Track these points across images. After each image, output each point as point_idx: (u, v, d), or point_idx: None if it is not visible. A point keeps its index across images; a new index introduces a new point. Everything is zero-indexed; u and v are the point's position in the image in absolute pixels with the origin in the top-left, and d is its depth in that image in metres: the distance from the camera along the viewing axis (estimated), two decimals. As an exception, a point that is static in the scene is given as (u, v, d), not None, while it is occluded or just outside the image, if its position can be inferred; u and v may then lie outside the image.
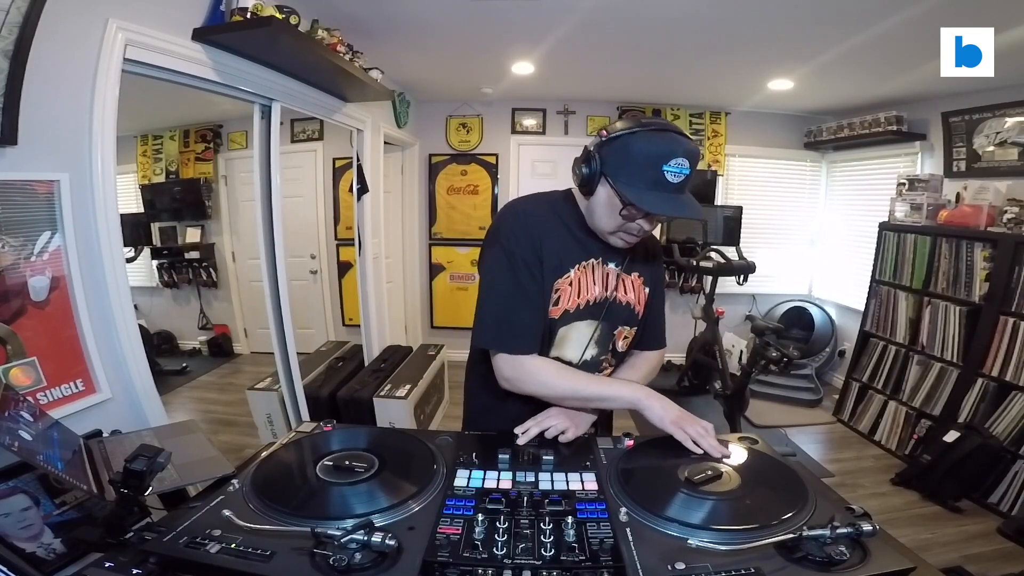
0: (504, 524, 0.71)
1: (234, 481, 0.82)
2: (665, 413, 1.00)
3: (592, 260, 1.08)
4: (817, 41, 2.47)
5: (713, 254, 3.50)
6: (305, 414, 2.44)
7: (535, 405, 1.07)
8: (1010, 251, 2.52)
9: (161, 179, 3.94)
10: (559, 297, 1.06)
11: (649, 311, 1.19)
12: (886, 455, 3.08)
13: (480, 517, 0.71)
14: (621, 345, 1.16)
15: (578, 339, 1.10)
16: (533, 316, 1.03)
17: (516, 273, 1.02)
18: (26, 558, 0.84)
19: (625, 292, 1.12)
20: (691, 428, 0.97)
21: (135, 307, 1.50)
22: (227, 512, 0.71)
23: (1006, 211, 2.59)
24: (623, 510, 0.76)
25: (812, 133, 4.14)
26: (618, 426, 1.26)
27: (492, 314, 1.03)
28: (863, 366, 3.42)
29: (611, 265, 1.11)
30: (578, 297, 1.07)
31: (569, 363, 1.10)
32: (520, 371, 1.03)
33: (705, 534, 0.70)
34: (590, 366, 1.12)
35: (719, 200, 4.28)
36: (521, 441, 0.99)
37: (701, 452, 0.94)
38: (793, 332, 4.16)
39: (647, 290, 1.17)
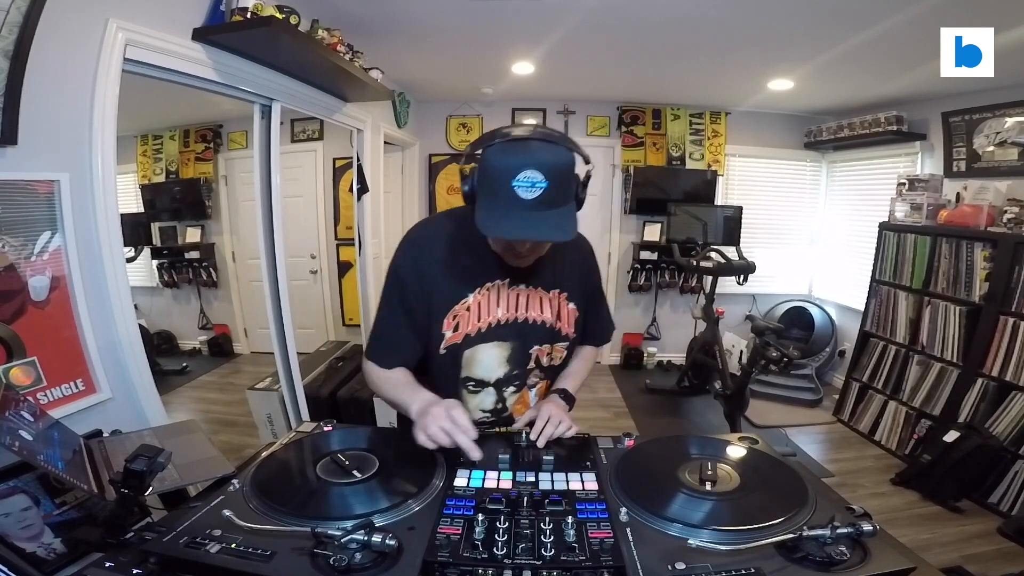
0: (504, 524, 0.71)
1: (234, 481, 0.82)
2: (419, 419, 0.94)
3: (498, 282, 1.06)
4: (817, 41, 2.47)
5: (713, 254, 3.50)
6: (305, 414, 2.44)
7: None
8: (1010, 251, 2.52)
9: (161, 179, 3.93)
10: (458, 323, 1.05)
11: (587, 316, 1.18)
12: (886, 455, 3.08)
13: (480, 517, 0.71)
14: (546, 360, 1.14)
15: (487, 360, 1.09)
16: (399, 336, 1.07)
17: (394, 296, 1.06)
18: (26, 558, 0.84)
19: (541, 311, 1.09)
20: (433, 427, 0.89)
21: (135, 307, 1.50)
22: (227, 512, 0.70)
23: (1006, 211, 2.59)
24: (623, 510, 0.76)
25: (812, 133, 4.14)
26: (618, 426, 1.26)
27: (373, 329, 1.11)
28: (863, 366, 3.42)
29: (521, 286, 1.07)
30: (479, 321, 1.05)
31: (482, 382, 1.11)
32: (368, 375, 1.11)
33: (705, 534, 0.70)
34: (504, 382, 1.12)
35: (719, 200, 4.28)
36: (540, 443, 0.98)
37: (434, 447, 0.89)
38: (793, 332, 4.16)
39: (571, 305, 1.13)
